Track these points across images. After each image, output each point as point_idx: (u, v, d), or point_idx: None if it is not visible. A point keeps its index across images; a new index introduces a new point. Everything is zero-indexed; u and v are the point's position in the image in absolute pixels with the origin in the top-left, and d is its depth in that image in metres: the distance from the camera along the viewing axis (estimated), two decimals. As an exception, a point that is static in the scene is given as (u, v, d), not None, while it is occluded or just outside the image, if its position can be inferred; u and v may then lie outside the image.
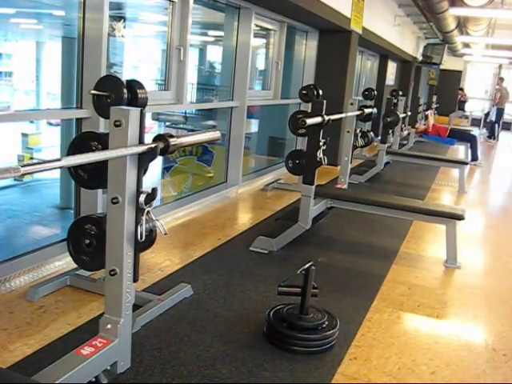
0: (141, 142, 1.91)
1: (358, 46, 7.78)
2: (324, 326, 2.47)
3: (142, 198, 1.95)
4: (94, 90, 2.36)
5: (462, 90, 17.29)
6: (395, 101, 7.48)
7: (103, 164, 1.91)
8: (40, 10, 5.30)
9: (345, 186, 5.48)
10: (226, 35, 5.62)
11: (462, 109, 16.77)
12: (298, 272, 2.47)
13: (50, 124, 7.36)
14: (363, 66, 10.57)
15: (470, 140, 9.11)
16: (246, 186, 5.58)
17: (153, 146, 1.93)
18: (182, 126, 6.80)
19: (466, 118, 17.04)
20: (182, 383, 2.10)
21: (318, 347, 2.42)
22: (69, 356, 1.92)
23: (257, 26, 5.63)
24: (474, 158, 8.99)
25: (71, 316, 2.55)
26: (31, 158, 6.62)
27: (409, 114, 8.91)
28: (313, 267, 2.45)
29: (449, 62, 15.61)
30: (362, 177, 6.64)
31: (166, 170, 5.83)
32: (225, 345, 2.40)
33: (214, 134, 2.41)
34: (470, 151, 9.07)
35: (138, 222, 1.97)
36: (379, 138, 7.83)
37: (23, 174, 1.42)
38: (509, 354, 2.59)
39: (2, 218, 4.90)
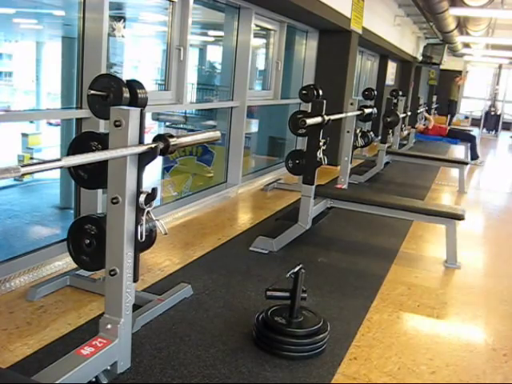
0: (141, 142, 1.91)
1: (358, 46, 7.78)
2: (314, 328, 2.41)
3: (142, 198, 1.95)
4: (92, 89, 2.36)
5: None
6: (395, 101, 7.48)
7: (103, 164, 1.91)
8: (40, 9, 5.29)
9: (345, 186, 5.48)
10: (225, 35, 5.62)
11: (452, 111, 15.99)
12: (287, 276, 2.41)
13: (50, 124, 7.36)
14: (363, 66, 10.57)
15: (469, 140, 9.14)
16: (246, 185, 5.58)
17: (153, 145, 1.93)
18: (182, 126, 6.80)
19: (467, 117, 16.93)
20: (182, 383, 2.10)
21: (310, 351, 2.36)
22: (69, 356, 1.92)
23: (257, 25, 5.63)
24: (474, 156, 9.01)
25: (71, 316, 2.55)
26: (31, 158, 6.62)
27: (409, 113, 8.92)
28: (302, 270, 2.40)
29: (449, 62, 15.58)
30: (362, 177, 6.64)
31: (166, 169, 5.84)
32: (225, 345, 2.40)
33: (214, 134, 2.40)
34: (469, 151, 9.08)
35: (138, 222, 1.97)
36: (379, 137, 7.83)
37: (23, 174, 1.42)
38: (509, 354, 2.59)
39: (2, 218, 4.90)
